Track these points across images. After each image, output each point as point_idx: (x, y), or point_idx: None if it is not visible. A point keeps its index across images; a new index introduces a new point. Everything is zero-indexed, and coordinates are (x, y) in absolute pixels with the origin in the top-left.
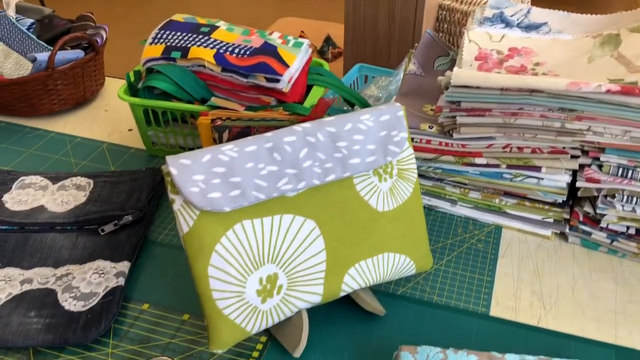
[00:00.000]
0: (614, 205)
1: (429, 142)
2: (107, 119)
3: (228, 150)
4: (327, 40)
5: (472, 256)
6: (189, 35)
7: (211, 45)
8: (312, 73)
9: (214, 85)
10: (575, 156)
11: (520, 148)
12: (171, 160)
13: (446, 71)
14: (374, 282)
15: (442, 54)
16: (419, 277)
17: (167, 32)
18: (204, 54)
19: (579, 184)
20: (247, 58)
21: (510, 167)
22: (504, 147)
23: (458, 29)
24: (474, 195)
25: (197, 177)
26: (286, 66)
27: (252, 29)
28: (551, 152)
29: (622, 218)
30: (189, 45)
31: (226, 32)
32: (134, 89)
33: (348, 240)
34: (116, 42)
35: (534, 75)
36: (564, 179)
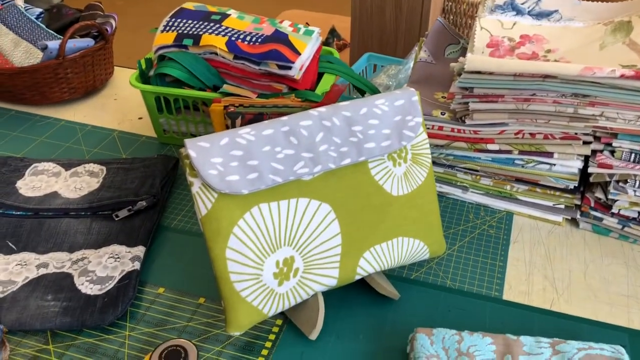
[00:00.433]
0: (626, 191)
1: (440, 128)
2: (117, 108)
3: (245, 133)
4: (332, 32)
5: (484, 242)
6: (201, 22)
7: (223, 33)
8: (322, 61)
9: (226, 73)
10: (587, 142)
11: (533, 134)
12: (190, 143)
13: (457, 58)
14: (389, 266)
15: (453, 42)
16: (432, 262)
17: (179, 20)
18: (216, 42)
19: (591, 169)
20: (259, 45)
21: (522, 153)
22: (516, 133)
23: (464, 20)
24: (486, 181)
25: (215, 160)
26: (298, 54)
27: (263, 17)
28: (563, 138)
29: (634, 203)
30: (201, 32)
31: (237, 20)
32: (145, 77)
33: (363, 224)
34: (118, 35)
35: (546, 62)
36: (575, 165)
